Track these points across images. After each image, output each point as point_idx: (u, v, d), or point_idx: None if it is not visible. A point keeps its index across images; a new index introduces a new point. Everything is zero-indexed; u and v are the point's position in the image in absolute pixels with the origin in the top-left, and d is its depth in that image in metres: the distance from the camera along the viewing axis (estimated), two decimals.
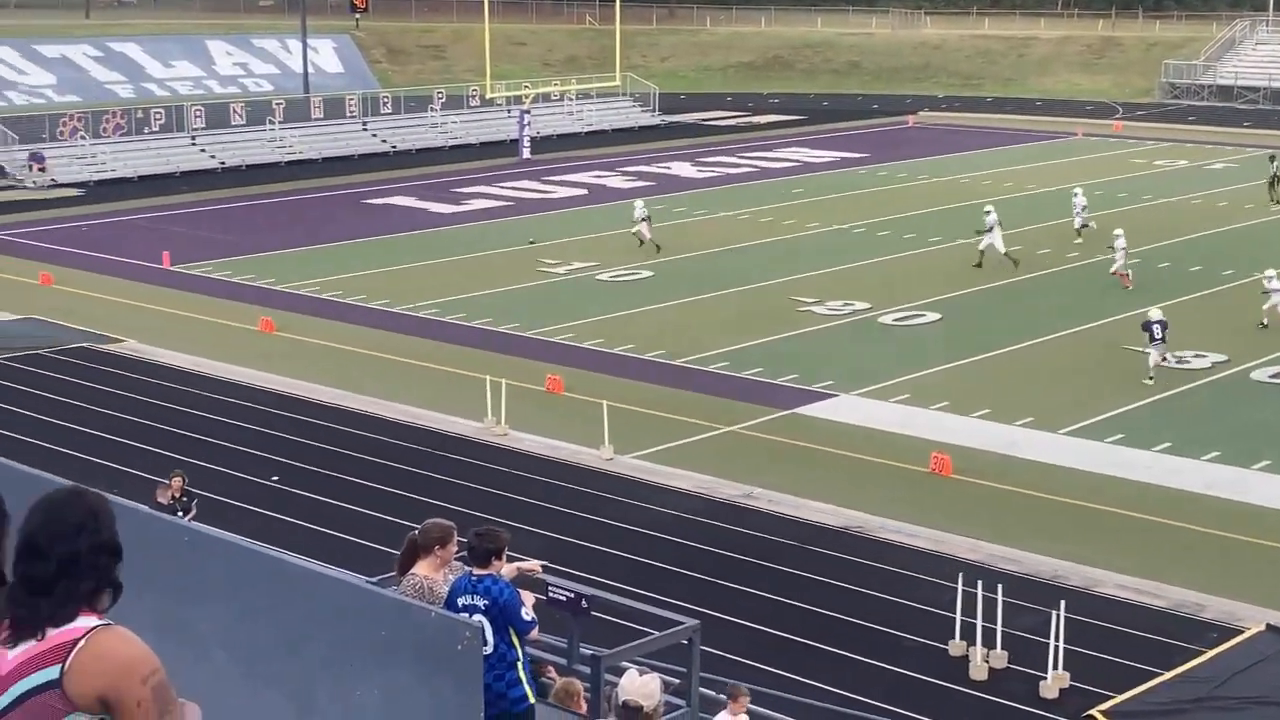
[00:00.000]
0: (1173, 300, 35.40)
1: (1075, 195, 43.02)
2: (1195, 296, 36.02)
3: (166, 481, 19.75)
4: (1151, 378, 28.61)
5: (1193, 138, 66.53)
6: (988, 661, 17.28)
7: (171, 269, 39.75)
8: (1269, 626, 17.76)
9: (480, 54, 64.83)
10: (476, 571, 9.06)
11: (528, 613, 8.99)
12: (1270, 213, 46.04)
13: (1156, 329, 28.90)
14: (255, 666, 6.51)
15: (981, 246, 38.50)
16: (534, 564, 10.33)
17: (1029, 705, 16.54)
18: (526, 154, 61.83)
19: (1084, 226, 42.24)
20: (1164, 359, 29.19)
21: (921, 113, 76.54)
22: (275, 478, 24.04)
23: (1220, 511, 22.32)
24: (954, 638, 17.74)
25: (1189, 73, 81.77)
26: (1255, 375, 29.25)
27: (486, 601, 8.87)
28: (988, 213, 39.18)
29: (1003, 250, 38.18)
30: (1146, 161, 59.40)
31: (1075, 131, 68.37)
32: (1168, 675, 14.37)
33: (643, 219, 40.97)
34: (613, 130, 70.07)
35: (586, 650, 10.34)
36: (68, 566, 3.88)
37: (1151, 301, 32.09)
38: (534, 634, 9.17)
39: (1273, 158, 49.99)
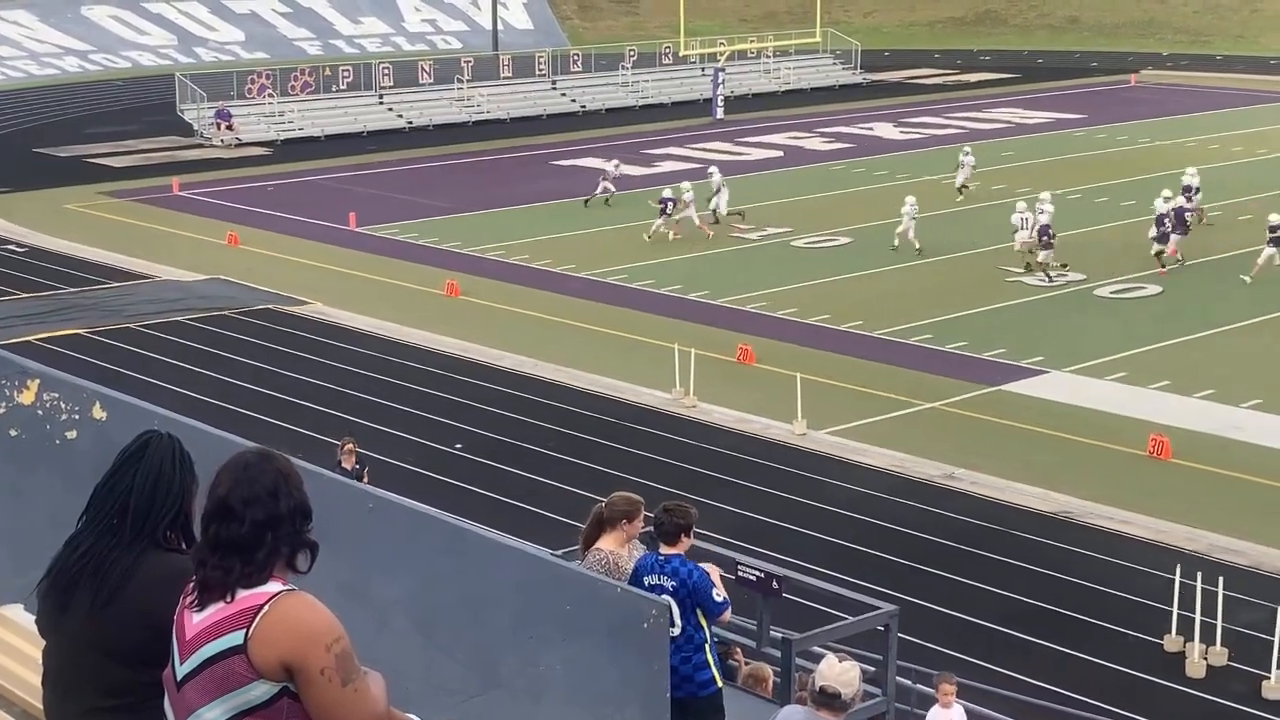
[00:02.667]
0: None
1: (964, 154, 43.97)
2: None
3: (348, 446, 20.20)
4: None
5: None
6: (1206, 659, 16.81)
7: (357, 230, 40.65)
8: None
9: (674, 9, 64.84)
10: (664, 550, 9.07)
11: (719, 594, 8.96)
12: None
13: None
14: (437, 636, 6.61)
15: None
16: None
17: (1250, 706, 16.06)
18: (720, 114, 61.71)
19: (963, 187, 43.09)
20: None
21: (1144, 71, 74.39)
22: (459, 445, 24.45)
23: None
24: (1170, 632, 17.29)
25: None
26: None
27: (675, 582, 8.87)
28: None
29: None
30: None
31: None
32: None
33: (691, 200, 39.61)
34: (811, 89, 69.53)
35: (777, 633, 10.31)
36: (261, 529, 3.95)
37: None
38: (726, 616, 9.14)
39: None
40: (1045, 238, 34.12)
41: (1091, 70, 75.15)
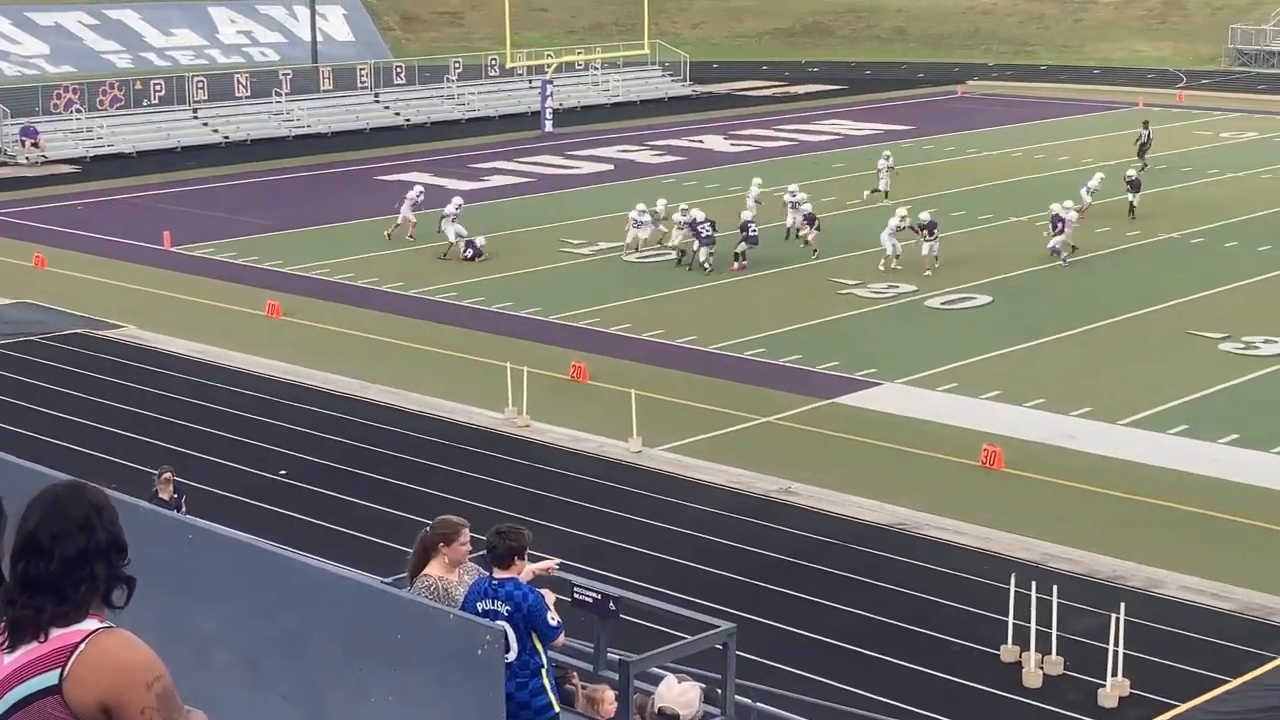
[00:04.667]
0: (1240, 282, 35.25)
1: (884, 158, 45.98)
2: (1265, 278, 35.78)
3: (165, 476, 19.81)
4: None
5: (1262, 108, 66.08)
6: (1042, 668, 17.23)
7: (172, 250, 39.91)
8: None
9: (499, 20, 64.82)
10: (498, 574, 9.07)
11: (554, 617, 8.99)
12: None
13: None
14: (262, 670, 6.53)
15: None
16: (550, 562, 10.23)
17: (1087, 714, 16.48)
18: (549, 127, 61.80)
19: (877, 190, 44.97)
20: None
21: (971, 82, 76.24)
22: (283, 471, 24.12)
23: None
24: (1006, 642, 17.69)
25: (1258, 38, 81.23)
26: None
27: (509, 607, 8.88)
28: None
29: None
30: (1212, 133, 59.05)
31: (1136, 101, 67.96)
32: (1235, 683, 14.31)
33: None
34: (641, 101, 69.97)
35: (614, 655, 10.35)
36: (73, 565, 3.88)
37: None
38: (560, 640, 9.17)
39: (1146, 124, 51.10)
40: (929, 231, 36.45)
41: (919, 81, 76.78)
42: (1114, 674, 16.70)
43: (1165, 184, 46.55)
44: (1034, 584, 17.66)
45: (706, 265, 36.55)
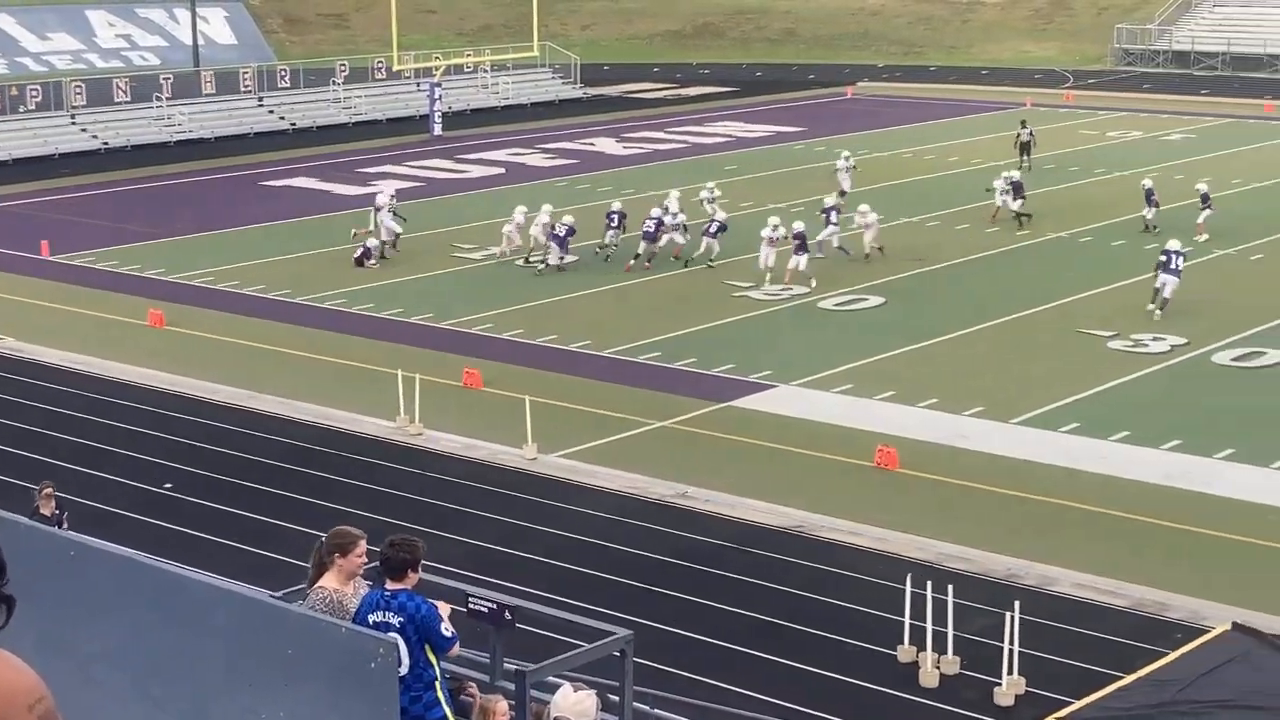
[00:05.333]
0: (1128, 280, 35.88)
1: (843, 158, 46.42)
2: (1150, 276, 36.42)
3: (46, 491, 19.47)
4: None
5: (1148, 107, 67.33)
6: (939, 668, 17.42)
7: (51, 259, 39.24)
8: (1235, 625, 18.04)
9: (386, 23, 64.43)
10: (390, 585, 9.01)
11: (448, 628, 8.95)
12: (1228, 185, 46.66)
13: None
14: (148, 689, 6.44)
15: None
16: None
17: (983, 713, 16.69)
18: (438, 130, 61.54)
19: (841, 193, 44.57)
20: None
21: (861, 83, 76.96)
22: (168, 485, 23.81)
23: (1182, 504, 22.63)
24: (903, 643, 17.87)
25: (1143, 38, 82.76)
26: (1217, 359, 29.68)
27: (402, 618, 8.82)
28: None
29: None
30: (1099, 133, 60.07)
31: (1024, 102, 68.95)
32: (1129, 679, 14.53)
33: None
34: (531, 104, 69.90)
35: (510, 665, 10.33)
36: None
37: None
38: (455, 651, 9.13)
39: (1024, 122, 52.42)
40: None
41: (810, 83, 77.37)
42: (1009, 672, 16.93)
43: (1053, 183, 47.26)
44: (929, 584, 17.85)
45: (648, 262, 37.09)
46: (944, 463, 24.46)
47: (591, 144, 59.16)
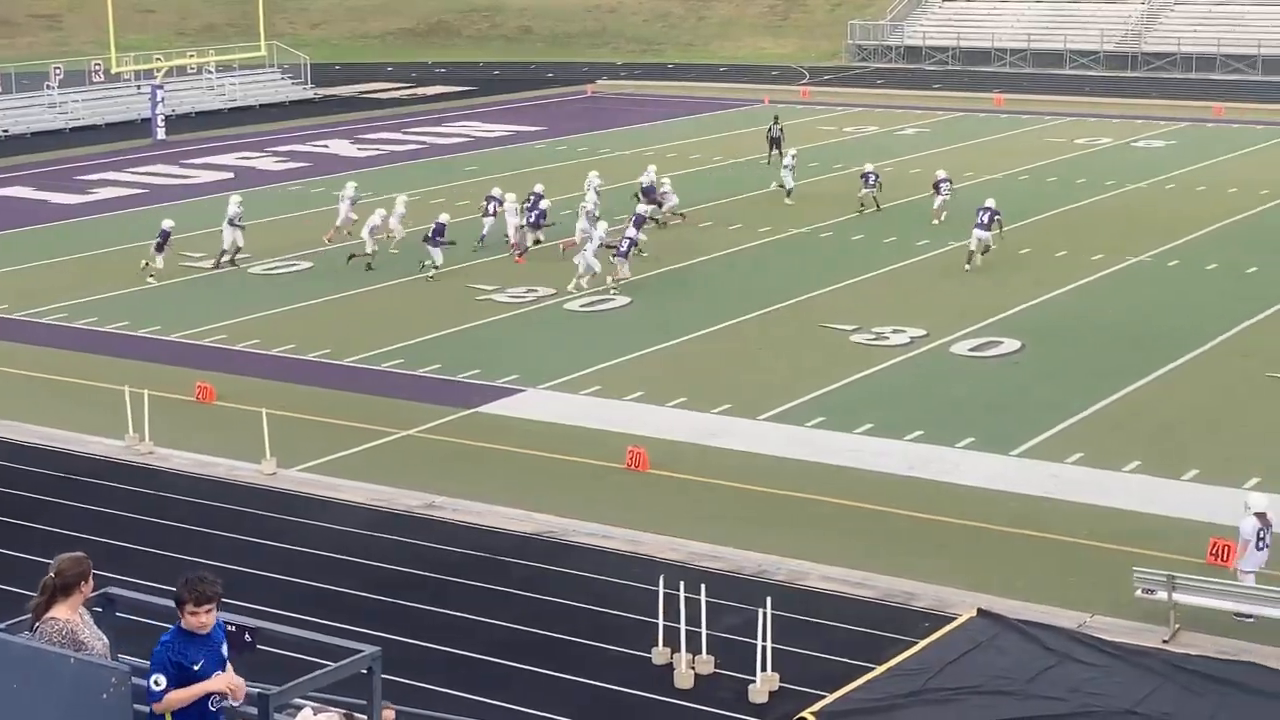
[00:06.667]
0: (868, 274, 36.88)
1: (790, 156, 46.69)
2: (892, 269, 37.56)
3: None
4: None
5: (882, 102, 69.33)
6: (693, 668, 17.63)
7: None
8: (980, 611, 18.67)
9: (102, 24, 62.58)
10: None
11: (157, 681, 9.11)
12: (960, 178, 48.31)
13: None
14: None
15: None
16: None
17: (738, 712, 16.95)
18: (161, 135, 60.08)
19: (787, 190, 45.26)
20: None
21: (600, 81, 77.57)
22: None
23: (926, 493, 23.35)
24: (657, 644, 18.05)
25: (875, 33, 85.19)
26: (955, 349, 30.69)
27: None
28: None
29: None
30: (836, 128, 61.61)
31: (762, 99, 70.38)
32: (879, 669, 14.93)
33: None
34: (260, 106, 68.75)
35: (253, 689, 10.14)
36: None
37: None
38: (157, 707, 9.23)
39: (776, 118, 54.44)
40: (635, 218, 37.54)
41: (548, 81, 77.68)
42: (763, 669, 17.24)
43: (793, 179, 48.25)
44: (682, 584, 18.07)
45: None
46: (694, 462, 24.79)
47: (325, 146, 58.45)
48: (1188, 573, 18.80)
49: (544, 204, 39.81)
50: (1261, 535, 18.83)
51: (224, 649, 9.68)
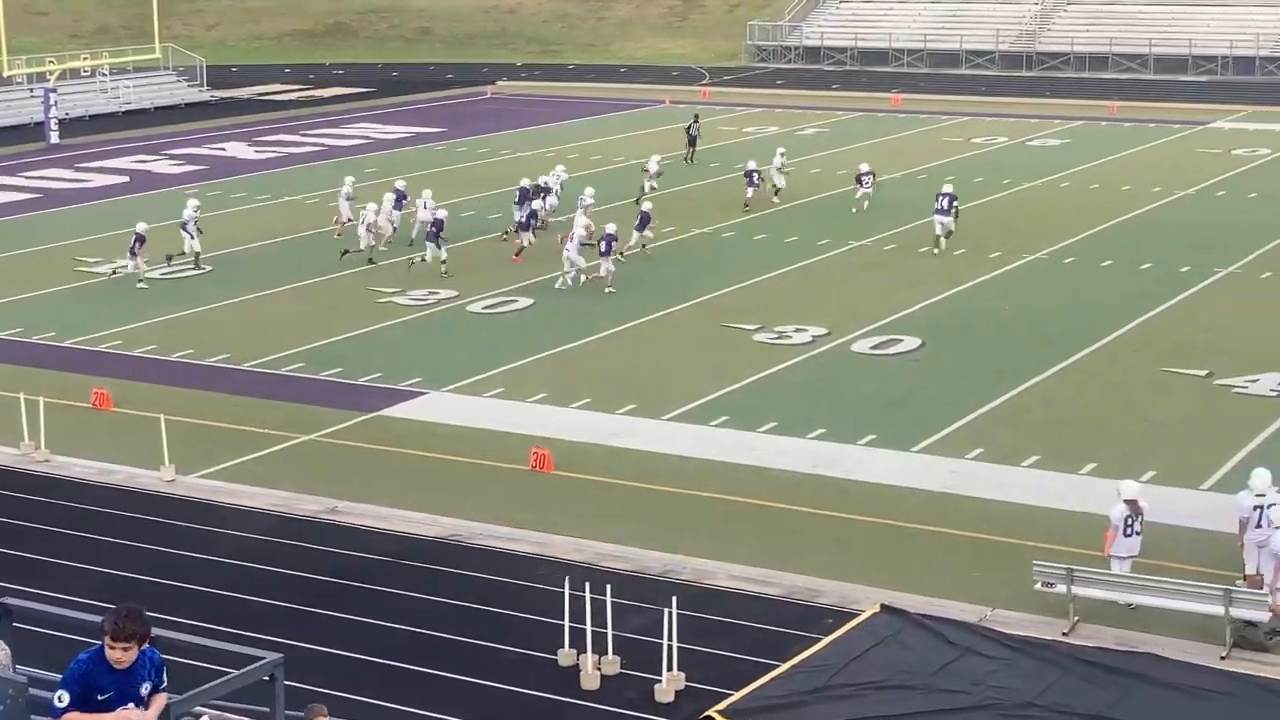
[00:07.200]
0: (770, 274, 37.10)
1: (778, 153, 46.79)
2: (793, 268, 37.77)
3: None
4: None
5: (782, 102, 69.73)
6: (600, 669, 17.65)
7: None
8: (883, 607, 18.85)
9: None
10: None
11: (60, 698, 9.09)
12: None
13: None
14: None
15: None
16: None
17: (644, 712, 16.99)
18: (55, 139, 59.22)
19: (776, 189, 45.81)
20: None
21: (500, 82, 77.43)
22: None
23: (829, 491, 23.51)
24: (563, 646, 18.05)
25: (774, 34, 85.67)
26: (856, 348, 30.93)
27: None
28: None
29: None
30: (736, 129, 61.86)
31: (662, 99, 70.55)
32: (785, 666, 15.03)
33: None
34: (155, 109, 68.04)
35: None
36: None
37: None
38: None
39: (696, 117, 55.53)
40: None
41: (448, 82, 77.39)
42: (669, 668, 17.29)
43: (696, 179, 48.45)
44: (588, 585, 18.08)
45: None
46: (599, 462, 24.81)
47: (222, 149, 57.92)
48: (1086, 566, 19.08)
49: (543, 199, 40.26)
50: (1130, 521, 19.16)
51: (144, 689, 9.43)
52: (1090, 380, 28.83)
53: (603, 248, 35.61)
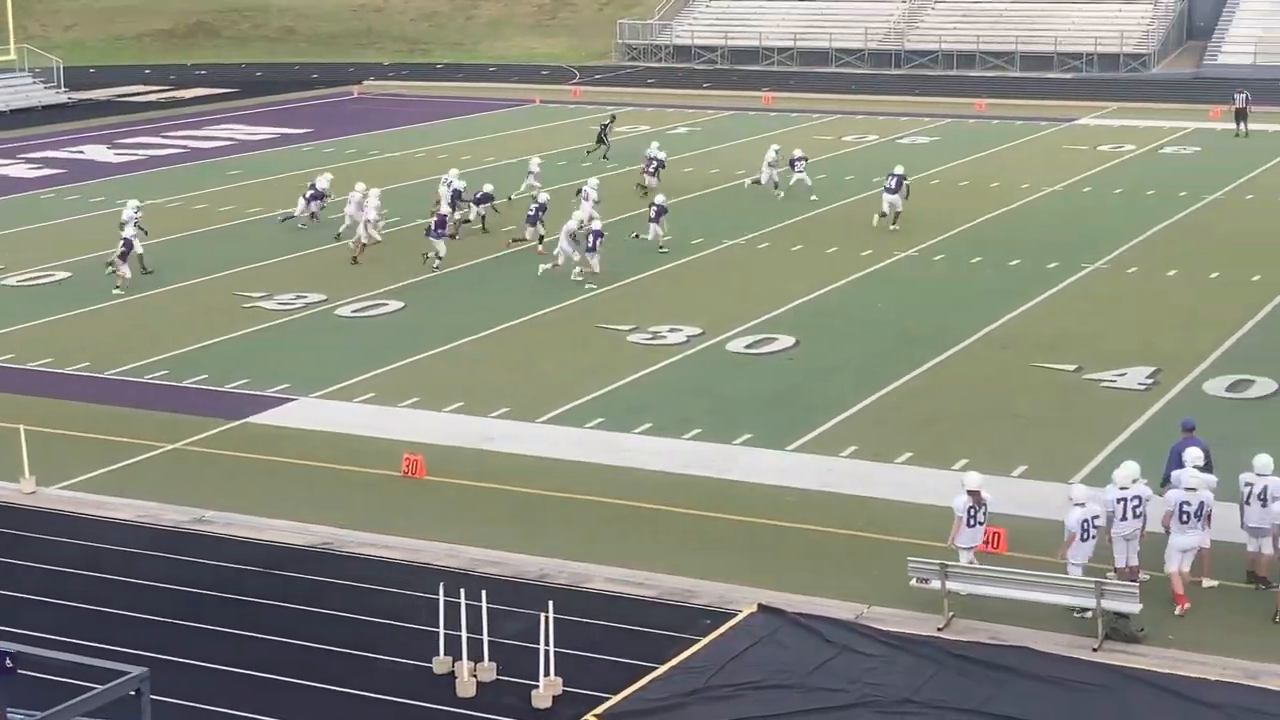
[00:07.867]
0: (644, 274, 37.18)
1: (772, 149, 47.23)
2: (669, 267, 37.90)
3: None
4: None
5: (653, 101, 69.94)
6: (475, 676, 17.57)
7: None
8: (760, 606, 18.99)
9: None
10: None
11: None
12: (734, 176, 48.98)
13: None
14: None
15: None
16: None
17: (522, 718, 16.94)
18: None
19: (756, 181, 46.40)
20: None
21: (367, 82, 76.91)
22: None
23: (704, 490, 23.60)
24: (439, 653, 17.94)
25: (645, 33, 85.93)
26: (731, 347, 31.10)
27: None
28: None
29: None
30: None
31: (533, 99, 70.47)
32: (663, 669, 15.09)
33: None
34: (10, 111, 66.91)
35: (16, 716, 9.85)
36: None
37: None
38: None
39: (613, 117, 56.67)
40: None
41: (313, 82, 76.71)
42: (546, 673, 17.25)
43: (563, 179, 48.40)
44: (463, 591, 17.99)
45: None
46: (472, 467, 24.70)
47: (81, 152, 56.97)
48: (960, 561, 19.31)
49: (543, 196, 40.34)
50: (973, 512, 19.46)
51: None
52: (961, 376, 29.22)
53: (590, 243, 35.87)
